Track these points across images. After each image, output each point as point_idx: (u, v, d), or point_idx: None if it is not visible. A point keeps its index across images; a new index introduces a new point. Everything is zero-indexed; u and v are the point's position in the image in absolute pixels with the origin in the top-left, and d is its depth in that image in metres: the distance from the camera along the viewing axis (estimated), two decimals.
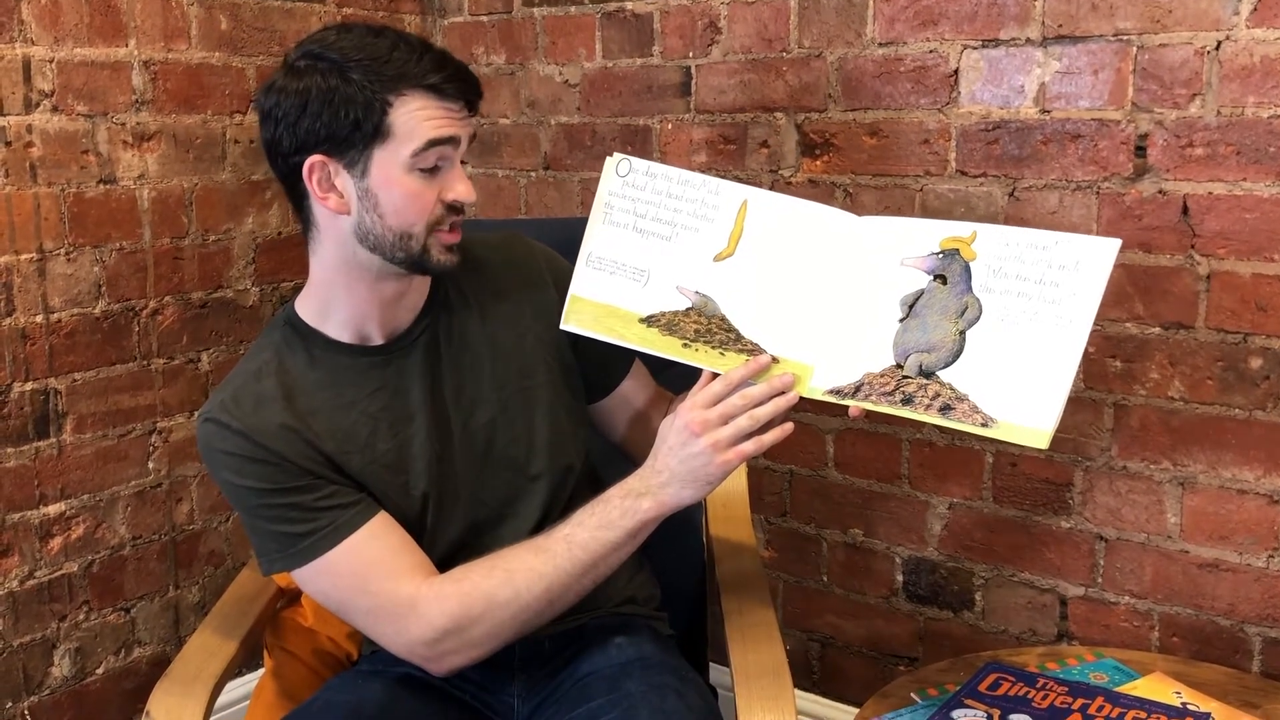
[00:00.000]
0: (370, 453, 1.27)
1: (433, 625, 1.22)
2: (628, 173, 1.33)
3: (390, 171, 1.19)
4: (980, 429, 1.16)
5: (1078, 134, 1.73)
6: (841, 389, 1.23)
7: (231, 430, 1.23)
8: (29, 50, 1.86)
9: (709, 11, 2.06)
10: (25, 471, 1.92)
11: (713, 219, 1.31)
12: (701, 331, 1.28)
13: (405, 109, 1.18)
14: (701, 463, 1.20)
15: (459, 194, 1.22)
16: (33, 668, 1.97)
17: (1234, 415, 1.66)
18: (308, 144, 1.19)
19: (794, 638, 2.16)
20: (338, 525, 1.23)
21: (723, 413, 1.20)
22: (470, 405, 1.33)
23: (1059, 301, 1.16)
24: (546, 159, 2.34)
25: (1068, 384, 1.14)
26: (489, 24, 2.37)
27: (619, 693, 1.26)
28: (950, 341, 1.20)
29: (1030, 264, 1.18)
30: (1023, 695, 1.48)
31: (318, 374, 1.28)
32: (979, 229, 1.22)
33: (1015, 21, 1.75)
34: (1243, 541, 1.68)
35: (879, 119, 1.91)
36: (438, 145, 1.20)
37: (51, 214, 1.91)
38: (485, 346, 1.34)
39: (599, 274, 1.32)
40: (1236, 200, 1.62)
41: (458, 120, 1.21)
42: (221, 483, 1.27)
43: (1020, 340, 1.17)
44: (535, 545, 1.25)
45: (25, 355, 1.90)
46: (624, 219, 1.33)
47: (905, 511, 2.00)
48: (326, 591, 1.27)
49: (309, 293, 1.31)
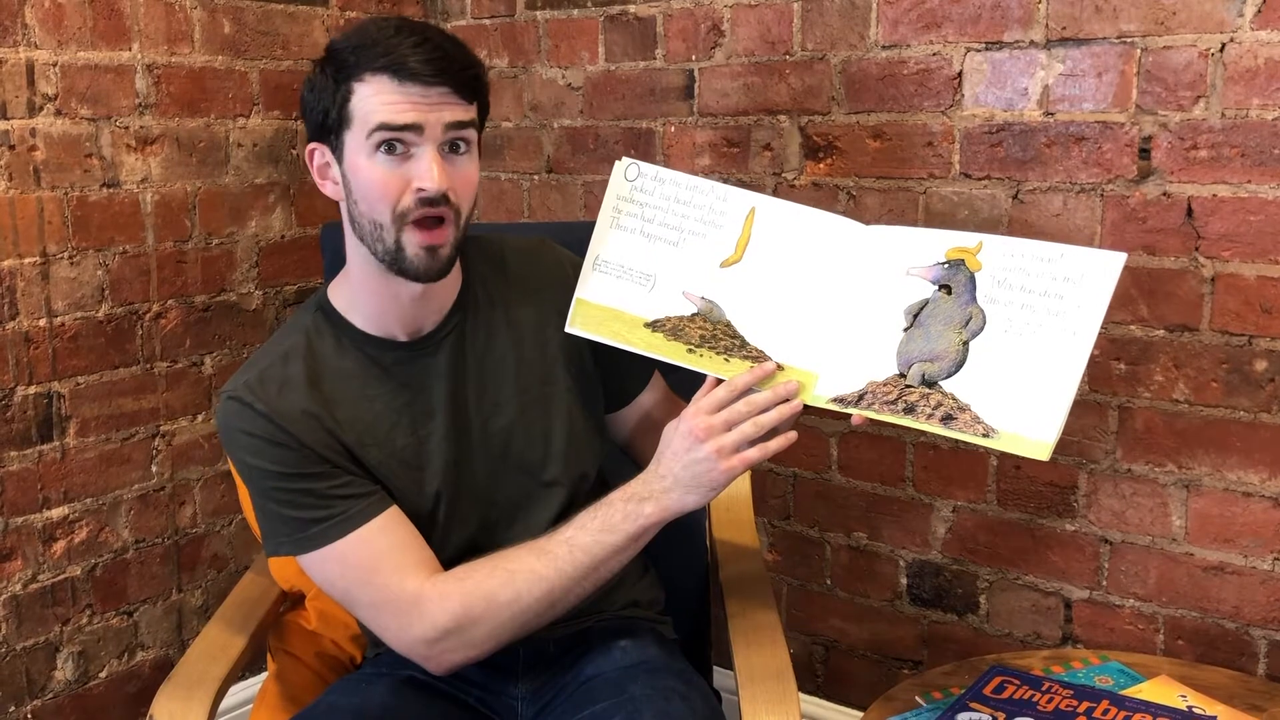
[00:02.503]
0: (389, 447, 1.28)
1: (435, 624, 1.23)
2: (636, 177, 1.33)
3: (355, 157, 1.21)
4: (982, 439, 1.16)
5: (1082, 136, 1.72)
6: (845, 397, 1.23)
7: (254, 411, 1.23)
8: (33, 54, 1.86)
9: (712, 14, 2.06)
10: (28, 475, 1.92)
11: (720, 225, 1.30)
12: (707, 337, 1.28)
13: (362, 94, 1.20)
14: (705, 468, 1.20)
15: (423, 180, 1.19)
16: (36, 671, 1.97)
17: (1239, 418, 1.66)
18: (309, 135, 1.27)
19: (798, 641, 2.16)
20: (350, 515, 1.24)
21: (727, 419, 1.20)
22: (491, 408, 1.33)
23: (1063, 314, 1.16)
24: (549, 162, 2.34)
25: (1070, 396, 1.14)
26: (491, 27, 2.37)
27: (623, 696, 1.26)
28: (954, 351, 1.20)
29: (1035, 276, 1.18)
30: (1028, 698, 1.48)
31: (344, 363, 1.29)
32: (985, 239, 1.22)
33: (1019, 24, 1.75)
34: (1248, 544, 1.68)
35: (882, 121, 1.91)
36: (387, 130, 1.18)
37: (55, 217, 1.91)
38: (509, 350, 1.34)
39: (605, 278, 1.32)
40: (1241, 202, 1.62)
41: (421, 105, 1.18)
42: (237, 461, 1.27)
43: (1024, 352, 1.17)
44: (537, 547, 1.25)
45: (29, 359, 1.90)
46: (632, 224, 1.33)
47: (909, 514, 2.00)
48: (332, 580, 1.27)
49: (342, 280, 1.33)
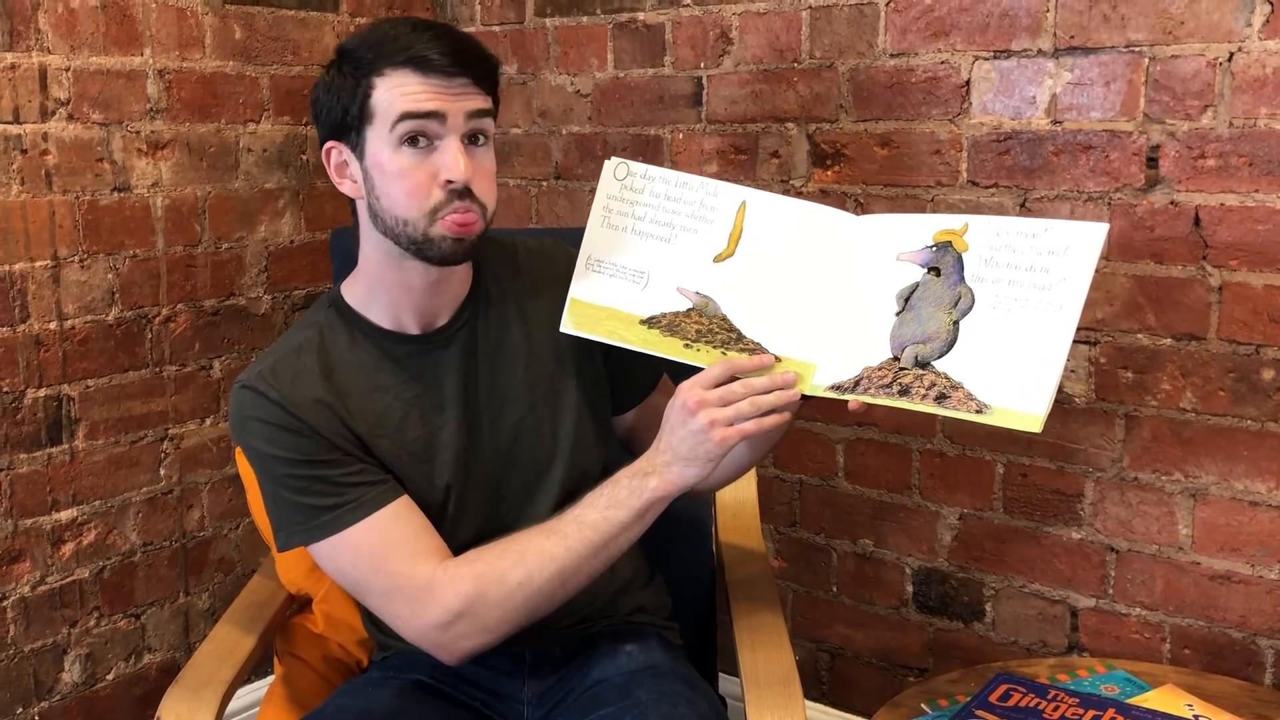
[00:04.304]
0: (400, 439, 1.29)
1: (447, 607, 1.23)
2: (625, 176, 1.34)
3: (379, 152, 1.22)
4: (975, 416, 1.17)
5: (1089, 145, 1.73)
6: (841, 384, 1.24)
7: (268, 399, 1.25)
8: (45, 59, 1.87)
9: (720, 22, 2.07)
10: (38, 477, 1.93)
11: (711, 220, 1.32)
12: (703, 332, 1.29)
13: (384, 87, 1.21)
14: (700, 439, 1.21)
15: (450, 171, 1.20)
16: (43, 673, 1.97)
17: (1246, 427, 1.66)
18: (325, 134, 1.27)
19: (803, 648, 2.16)
20: (363, 502, 1.24)
21: (722, 395, 1.22)
22: (500, 403, 1.34)
23: (1050, 287, 1.17)
24: (558, 168, 2.34)
25: (1059, 368, 1.15)
26: (501, 34, 2.38)
27: (629, 700, 1.27)
28: (945, 332, 1.21)
29: (1021, 252, 1.20)
30: (1033, 706, 1.48)
31: (357, 356, 1.30)
32: (971, 220, 1.24)
33: (1027, 32, 1.75)
34: (1255, 553, 1.68)
35: (890, 129, 1.91)
36: (411, 119, 1.20)
37: (66, 221, 1.92)
38: (521, 347, 1.35)
39: (599, 277, 1.33)
40: (1248, 212, 1.62)
41: (444, 94, 1.20)
42: (250, 450, 1.28)
43: (1012, 327, 1.18)
44: (547, 528, 1.26)
45: (39, 362, 1.91)
46: (622, 222, 1.34)
47: (915, 521, 2.00)
48: (344, 568, 1.27)
49: (356, 278, 1.34)
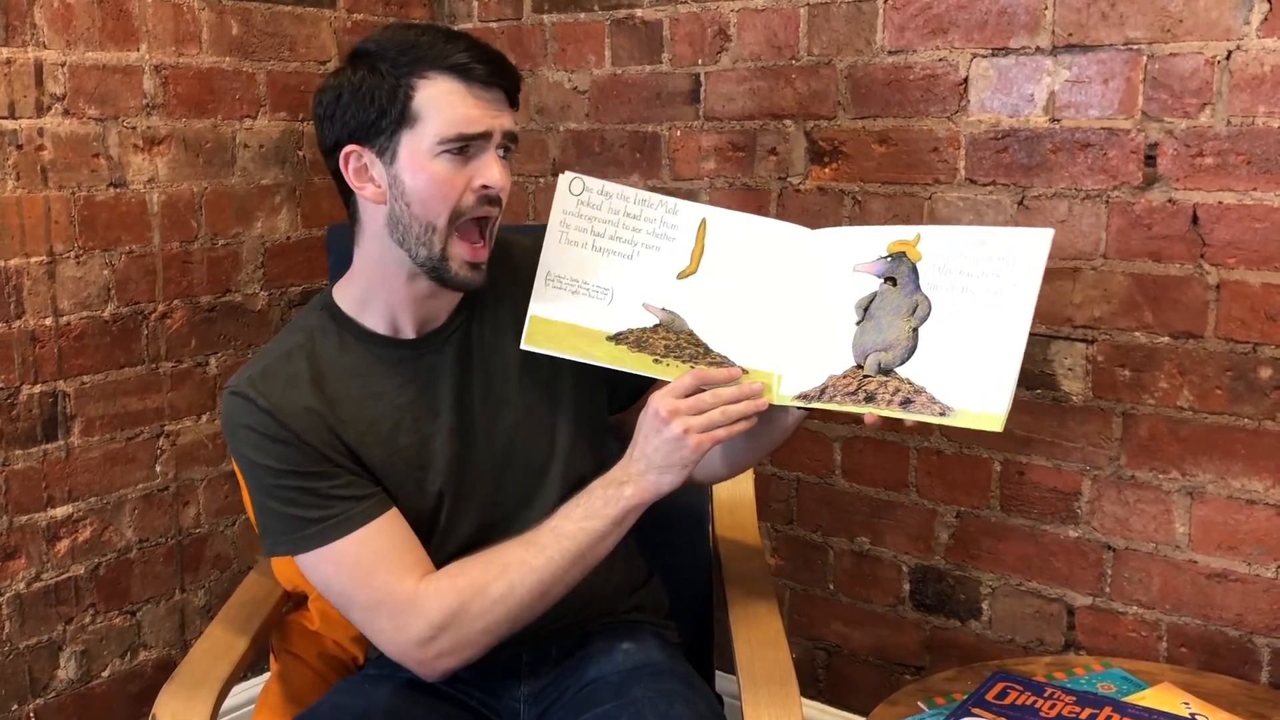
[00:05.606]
0: (391, 445, 1.28)
1: (430, 621, 1.22)
2: (581, 191, 1.34)
3: (417, 156, 1.21)
4: (939, 419, 1.20)
5: (1087, 143, 1.72)
6: (808, 393, 1.28)
7: (257, 406, 1.23)
8: (41, 54, 1.86)
9: (719, 19, 2.06)
10: (33, 474, 1.93)
11: (673, 238, 1.34)
12: (671, 347, 1.31)
13: (429, 92, 1.20)
14: (675, 446, 1.22)
15: (489, 179, 1.22)
16: (38, 670, 1.97)
17: (1243, 425, 1.66)
18: (343, 136, 1.24)
19: (800, 646, 2.16)
20: (349, 516, 1.23)
21: (693, 404, 1.23)
22: (496, 407, 1.33)
23: (1001, 292, 1.21)
24: (555, 165, 2.34)
25: (1015, 369, 1.19)
26: (498, 30, 2.37)
27: (626, 699, 1.27)
28: (905, 339, 1.25)
29: (972, 259, 1.24)
30: (1030, 704, 1.48)
31: (349, 361, 1.29)
32: (923, 231, 1.28)
33: (1025, 30, 1.75)
34: (1251, 552, 1.68)
35: (888, 127, 1.91)
36: (461, 140, 1.20)
37: (61, 217, 1.91)
38: (516, 351, 1.34)
39: (560, 293, 1.32)
40: (1246, 210, 1.62)
41: (489, 112, 1.21)
42: (239, 458, 1.27)
43: (968, 332, 1.22)
44: (525, 540, 1.26)
45: (34, 358, 1.90)
46: (581, 238, 1.34)
47: (912, 520, 2.00)
48: (328, 580, 1.26)
49: (349, 281, 1.32)
